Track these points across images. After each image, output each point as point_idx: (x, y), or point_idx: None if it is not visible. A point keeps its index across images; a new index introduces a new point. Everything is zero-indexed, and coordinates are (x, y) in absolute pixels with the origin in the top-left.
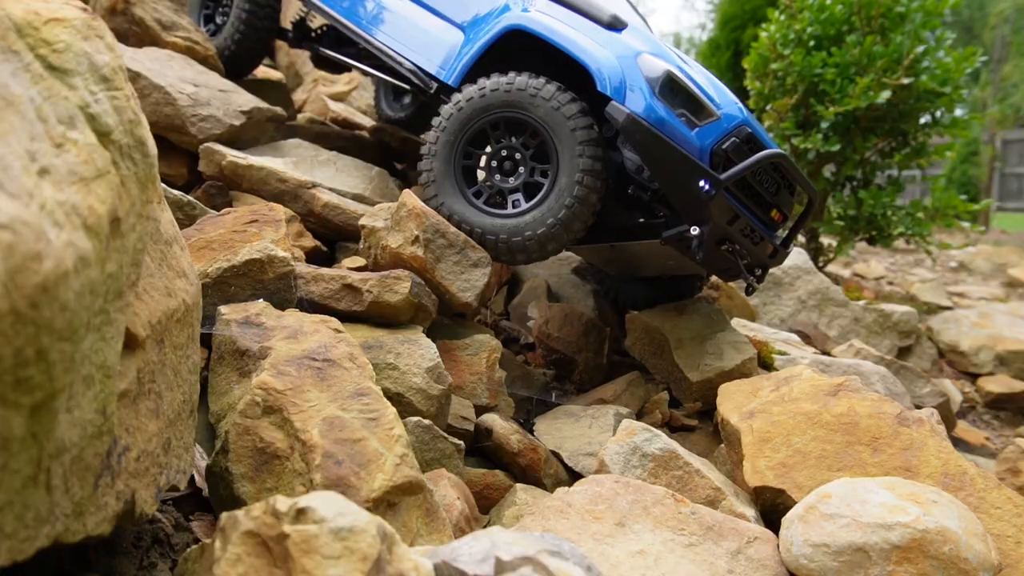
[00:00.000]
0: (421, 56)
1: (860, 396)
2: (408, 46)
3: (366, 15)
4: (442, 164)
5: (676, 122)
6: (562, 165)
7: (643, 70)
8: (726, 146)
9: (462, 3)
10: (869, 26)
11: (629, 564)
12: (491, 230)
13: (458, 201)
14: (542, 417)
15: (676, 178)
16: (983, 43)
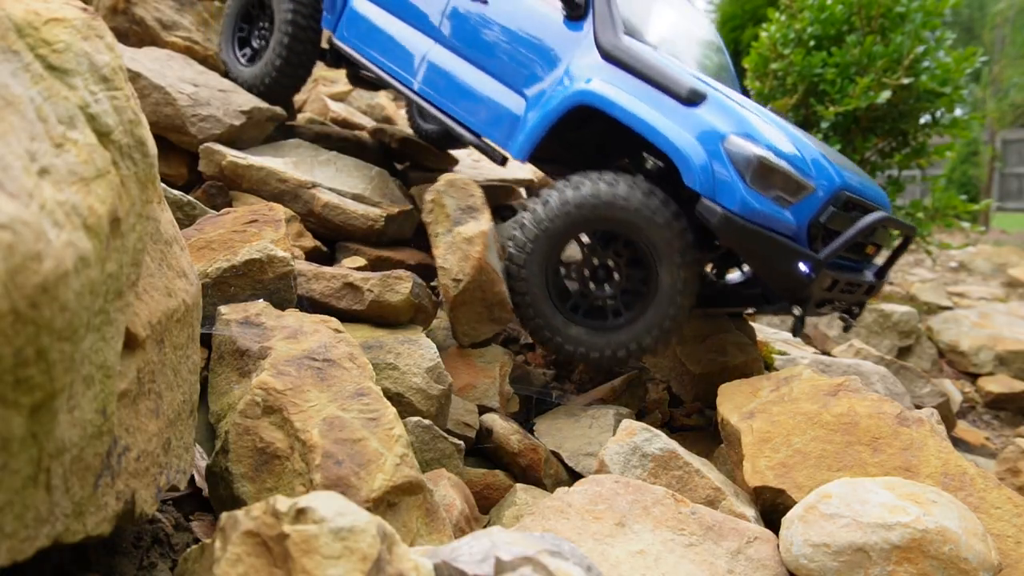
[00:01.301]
0: (479, 121)
1: (860, 396)
2: (464, 109)
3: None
4: (535, 287)
5: (771, 208)
6: (663, 275)
7: (732, 156)
8: (823, 218)
9: (520, 67)
10: (869, 26)
11: (629, 564)
12: (595, 346)
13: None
14: (542, 417)
15: (774, 266)
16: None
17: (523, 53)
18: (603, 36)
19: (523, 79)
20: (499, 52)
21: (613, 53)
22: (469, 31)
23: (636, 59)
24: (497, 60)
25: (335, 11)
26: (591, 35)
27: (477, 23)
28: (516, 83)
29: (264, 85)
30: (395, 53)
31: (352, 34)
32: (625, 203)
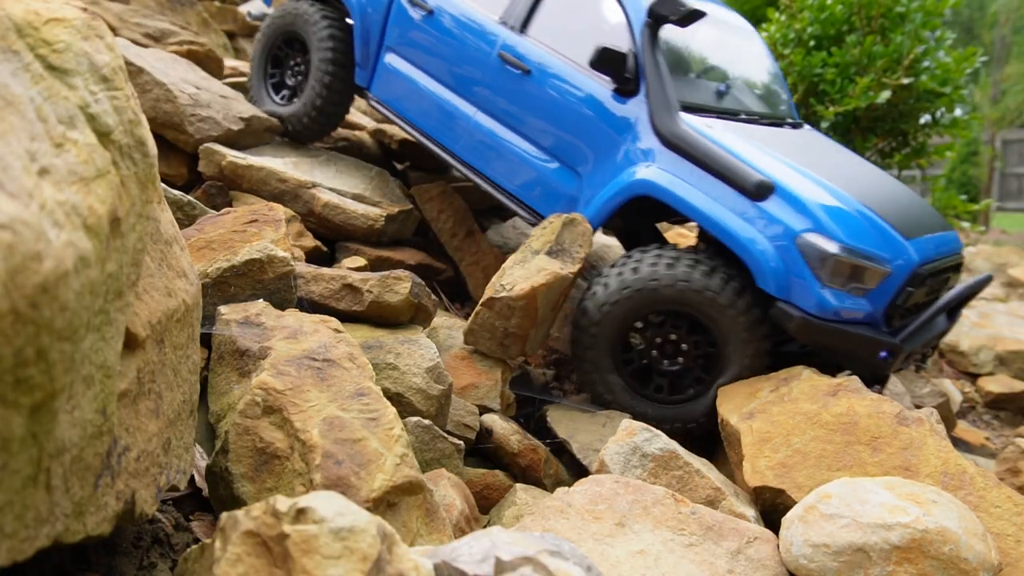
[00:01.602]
0: (533, 197)
1: (859, 396)
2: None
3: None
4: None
5: (848, 302)
6: (730, 354)
7: (805, 255)
8: (900, 301)
9: (571, 143)
10: (869, 26)
11: (629, 564)
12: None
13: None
14: (556, 407)
15: (855, 357)
16: (983, 43)
17: (573, 129)
18: (659, 119)
19: (576, 156)
20: (547, 126)
21: (671, 140)
22: (514, 101)
23: (697, 148)
24: (546, 134)
25: (367, 66)
26: (645, 114)
27: (521, 93)
28: (569, 160)
29: (303, 124)
30: (433, 116)
31: (386, 92)
32: (686, 285)
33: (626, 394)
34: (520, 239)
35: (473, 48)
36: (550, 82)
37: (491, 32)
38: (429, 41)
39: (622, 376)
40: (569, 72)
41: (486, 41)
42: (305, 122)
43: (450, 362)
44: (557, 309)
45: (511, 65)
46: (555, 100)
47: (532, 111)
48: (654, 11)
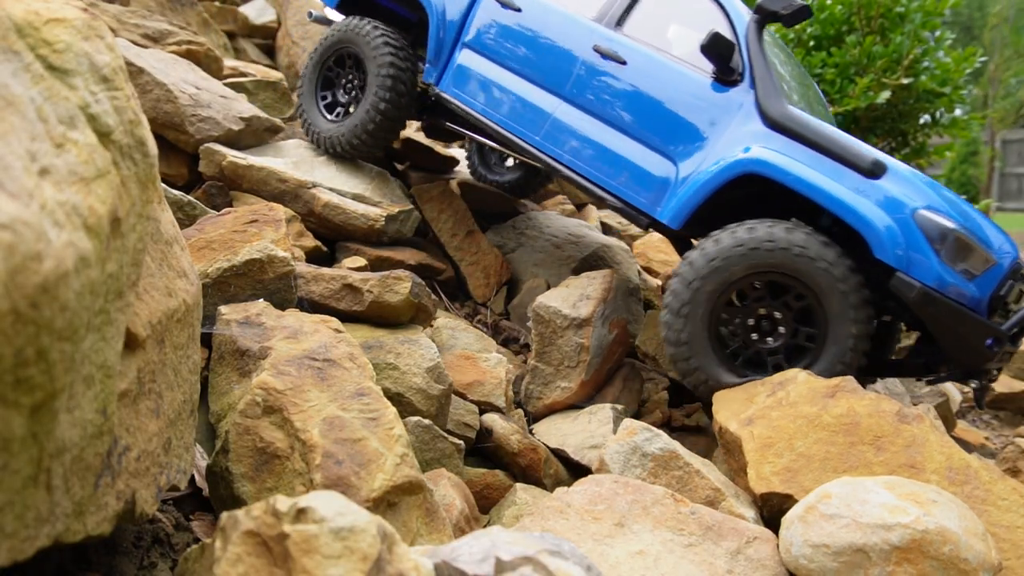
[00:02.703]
0: (620, 184)
1: (858, 396)
2: (601, 171)
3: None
4: (696, 327)
5: (961, 282)
6: (832, 329)
7: (924, 230)
8: (1003, 292)
9: (667, 130)
10: (869, 26)
11: (629, 564)
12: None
13: (714, 365)
14: (540, 420)
15: (966, 341)
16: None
17: (669, 116)
18: (768, 104)
19: (671, 143)
20: (641, 114)
21: (783, 122)
22: (605, 91)
23: (810, 129)
24: (639, 122)
25: (439, 64)
26: (750, 101)
27: (615, 84)
28: (663, 146)
29: (360, 141)
30: (513, 109)
31: (461, 87)
32: (802, 250)
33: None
34: (520, 239)
35: (564, 44)
36: (647, 71)
37: (585, 28)
38: (515, 38)
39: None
40: (667, 62)
41: (579, 36)
42: (363, 139)
43: (453, 360)
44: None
45: (606, 56)
46: (652, 89)
47: (625, 101)
48: (763, 6)
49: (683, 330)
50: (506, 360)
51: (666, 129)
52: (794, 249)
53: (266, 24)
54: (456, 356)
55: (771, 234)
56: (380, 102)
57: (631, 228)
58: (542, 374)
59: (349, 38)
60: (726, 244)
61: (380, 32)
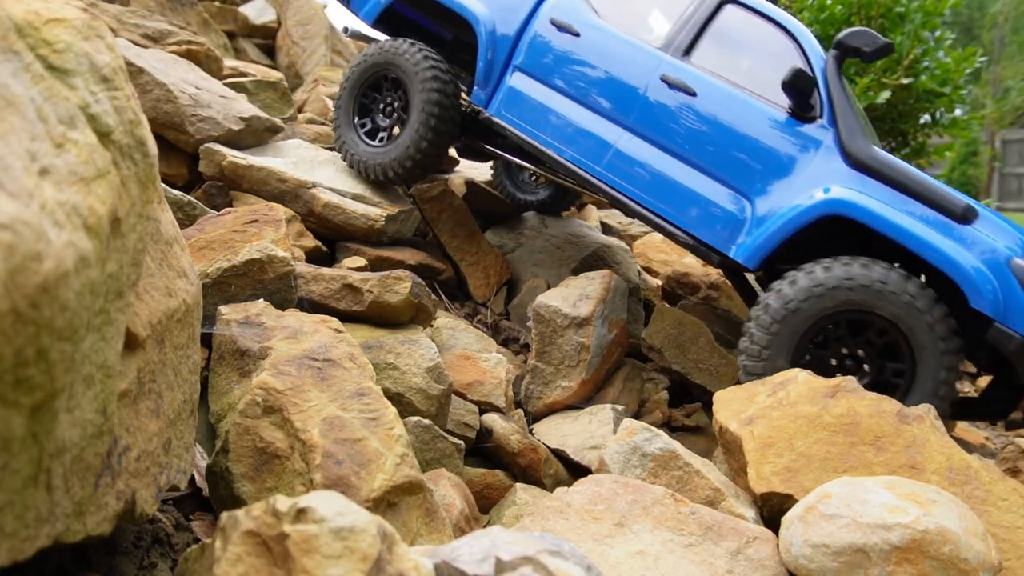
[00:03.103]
0: (688, 219)
1: (858, 396)
2: (668, 204)
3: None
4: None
5: None
6: (920, 363)
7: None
8: None
9: (740, 166)
10: (869, 26)
11: (628, 564)
12: None
13: None
14: (540, 420)
15: None
16: (983, 43)
17: (743, 151)
18: (851, 144)
19: (745, 179)
20: (713, 148)
21: (867, 163)
22: (673, 123)
23: (898, 171)
24: (710, 156)
25: (488, 86)
26: (830, 139)
27: (684, 115)
28: (736, 182)
29: (406, 168)
30: (572, 137)
31: (512, 112)
32: (883, 286)
33: None
34: (520, 239)
35: (628, 72)
36: (718, 104)
37: (651, 56)
38: (573, 64)
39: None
40: (739, 95)
41: (644, 64)
42: (408, 166)
43: (453, 360)
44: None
45: (674, 86)
46: (723, 122)
47: (695, 133)
48: (845, 43)
49: (763, 374)
50: (506, 360)
51: (740, 165)
52: (875, 285)
53: (266, 24)
54: (456, 356)
55: (849, 272)
56: (428, 124)
57: (631, 228)
58: (542, 374)
59: (388, 60)
60: (803, 285)
61: (423, 53)
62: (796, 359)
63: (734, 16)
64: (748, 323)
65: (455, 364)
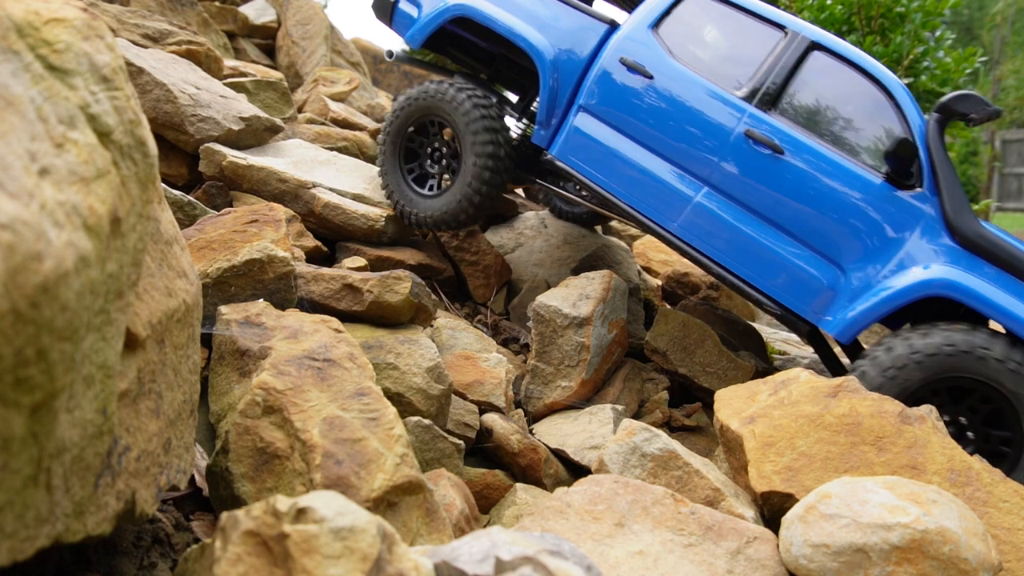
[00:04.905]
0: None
1: (860, 396)
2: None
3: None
4: None
5: None
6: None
7: None
8: None
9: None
10: (869, 26)
11: (628, 564)
12: None
13: None
14: (540, 420)
15: None
16: (983, 43)
17: (837, 218)
18: (957, 218)
19: (837, 247)
20: (803, 213)
21: (974, 240)
22: (758, 183)
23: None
24: (799, 220)
25: (550, 126)
26: (933, 211)
27: (770, 174)
28: (828, 251)
29: (460, 221)
30: (643, 188)
31: (577, 155)
32: (986, 352)
33: None
34: (520, 239)
35: (707, 121)
36: (808, 165)
37: (732, 106)
38: (645, 108)
39: None
40: (831, 156)
41: (725, 115)
42: (462, 219)
43: (453, 360)
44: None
45: (759, 143)
46: (814, 185)
47: (782, 195)
48: (951, 107)
49: None
50: (506, 360)
51: (833, 232)
52: (977, 352)
53: (266, 24)
54: (456, 356)
55: (949, 338)
56: (481, 177)
57: (631, 228)
58: (542, 374)
59: (435, 106)
60: (901, 352)
61: (472, 101)
62: None
63: (822, 64)
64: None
65: (455, 364)
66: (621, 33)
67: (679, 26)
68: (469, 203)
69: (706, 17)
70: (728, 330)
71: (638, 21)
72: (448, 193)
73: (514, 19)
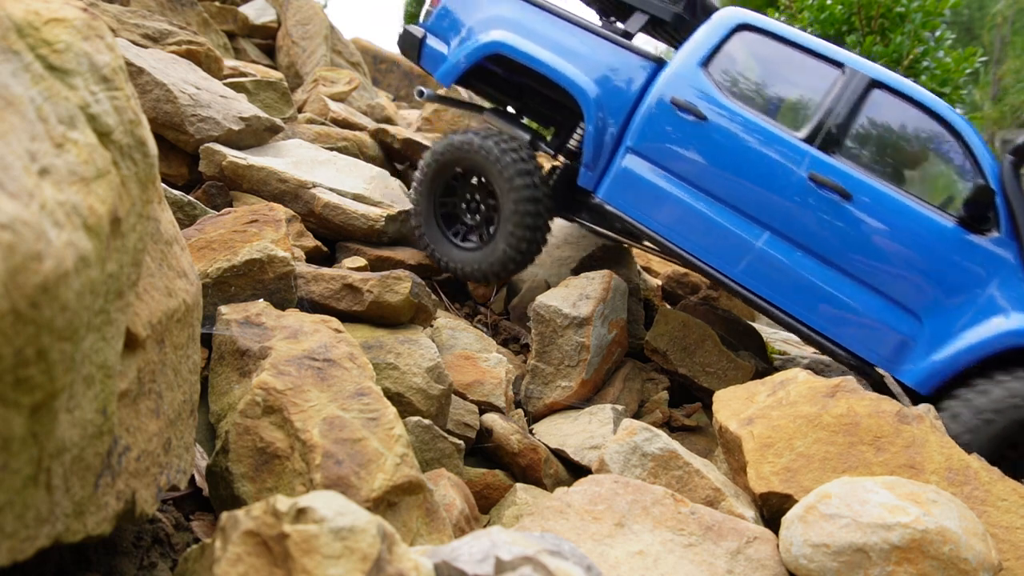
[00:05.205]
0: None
1: (858, 396)
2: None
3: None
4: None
5: None
6: None
7: None
8: None
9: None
10: (869, 26)
11: (628, 564)
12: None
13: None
14: (540, 420)
15: None
16: (983, 43)
17: (911, 266)
18: None
19: (912, 295)
20: (875, 259)
21: None
22: (826, 228)
23: None
24: (871, 267)
25: (597, 167)
26: (1011, 256)
27: (837, 220)
28: (903, 298)
29: (508, 270)
30: (701, 233)
31: (627, 198)
32: None
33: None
34: None
35: (767, 164)
36: (878, 210)
37: (793, 148)
38: (699, 150)
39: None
40: (900, 200)
41: (786, 158)
42: (511, 268)
43: (453, 360)
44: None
45: (824, 187)
46: (885, 231)
47: (852, 241)
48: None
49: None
50: (506, 360)
51: (906, 280)
52: None
53: (266, 24)
54: (456, 356)
55: None
56: (523, 225)
57: None
58: (542, 373)
59: (471, 160)
60: (997, 395)
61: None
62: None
63: (885, 103)
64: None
65: (455, 364)
66: (669, 71)
67: (730, 63)
68: (516, 251)
69: (758, 54)
70: (728, 330)
71: (687, 59)
72: (492, 244)
73: (554, 57)
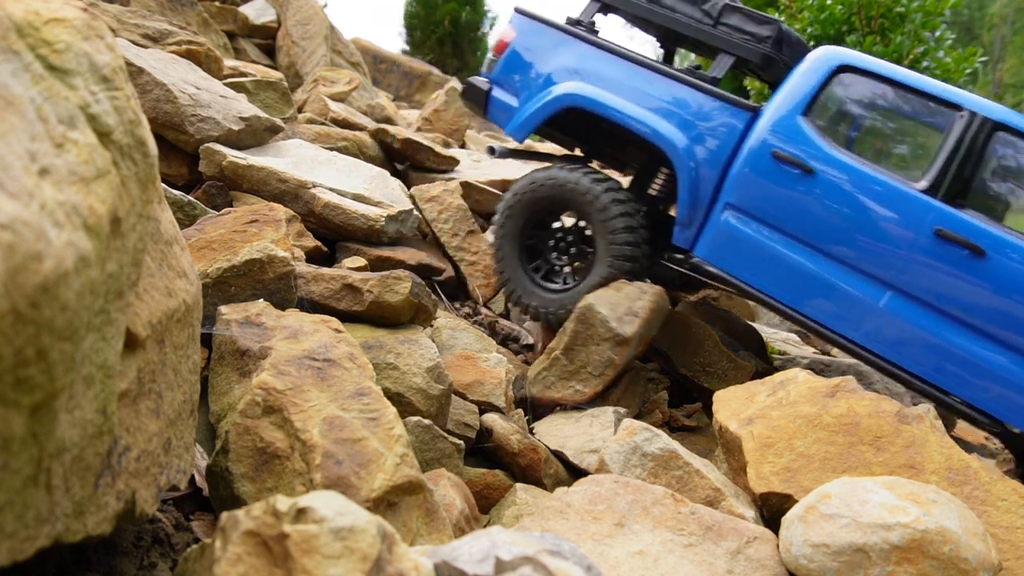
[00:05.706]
0: (990, 399)
1: (858, 396)
2: (961, 382)
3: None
4: None
5: None
6: None
7: None
8: None
9: None
10: (869, 26)
11: (628, 564)
12: None
13: None
14: (540, 420)
15: None
16: (983, 43)
17: None
18: None
19: None
20: (1012, 316)
21: None
22: (959, 287)
23: None
24: (1009, 325)
25: (693, 225)
26: None
27: (971, 277)
28: None
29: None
30: (814, 293)
31: (728, 256)
32: None
33: None
34: None
35: (886, 219)
36: (1016, 266)
37: (914, 201)
38: (808, 206)
39: None
40: None
41: (907, 212)
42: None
43: (453, 360)
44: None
45: (953, 243)
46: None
47: (988, 300)
48: None
49: None
50: (506, 360)
51: None
52: None
53: (266, 24)
54: (456, 356)
55: None
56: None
57: None
58: (561, 367)
59: (564, 196)
60: None
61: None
62: None
63: (1010, 147)
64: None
65: (455, 364)
66: (766, 121)
67: (833, 109)
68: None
69: (863, 97)
70: (728, 330)
71: (785, 106)
72: (583, 285)
73: (636, 108)
